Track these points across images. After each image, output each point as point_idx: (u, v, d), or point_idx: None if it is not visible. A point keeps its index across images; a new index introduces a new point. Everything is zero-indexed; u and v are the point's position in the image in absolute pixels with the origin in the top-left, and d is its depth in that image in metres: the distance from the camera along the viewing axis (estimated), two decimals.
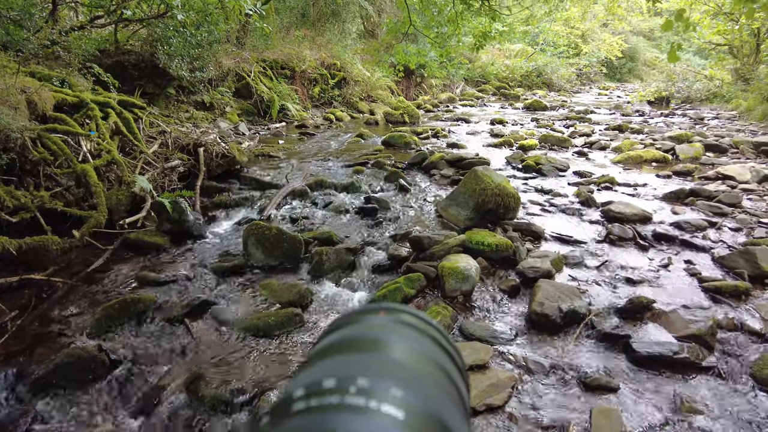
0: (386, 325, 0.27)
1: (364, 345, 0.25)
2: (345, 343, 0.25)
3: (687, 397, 2.26)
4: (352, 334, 0.26)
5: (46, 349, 2.48)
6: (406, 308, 0.29)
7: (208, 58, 7.61)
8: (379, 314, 0.29)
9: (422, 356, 0.25)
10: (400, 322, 0.28)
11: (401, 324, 0.28)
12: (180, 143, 5.22)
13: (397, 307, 0.30)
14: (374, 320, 0.28)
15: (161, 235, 3.83)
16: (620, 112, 13.24)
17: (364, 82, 12.24)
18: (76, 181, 3.90)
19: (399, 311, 0.29)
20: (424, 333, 0.27)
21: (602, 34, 25.83)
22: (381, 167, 6.11)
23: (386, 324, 0.28)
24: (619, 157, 7.04)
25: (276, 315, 2.80)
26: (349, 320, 0.28)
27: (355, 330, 0.27)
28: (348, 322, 0.28)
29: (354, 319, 0.28)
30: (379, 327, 0.27)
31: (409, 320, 0.28)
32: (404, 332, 0.27)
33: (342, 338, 0.26)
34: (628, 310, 2.92)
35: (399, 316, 0.29)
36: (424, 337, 0.27)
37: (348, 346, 0.25)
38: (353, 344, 0.25)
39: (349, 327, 0.27)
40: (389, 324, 0.28)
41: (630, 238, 4.01)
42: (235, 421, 2.12)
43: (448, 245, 3.54)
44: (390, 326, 0.27)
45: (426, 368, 0.24)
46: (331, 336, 0.27)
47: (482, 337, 2.69)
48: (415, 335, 0.27)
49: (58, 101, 4.35)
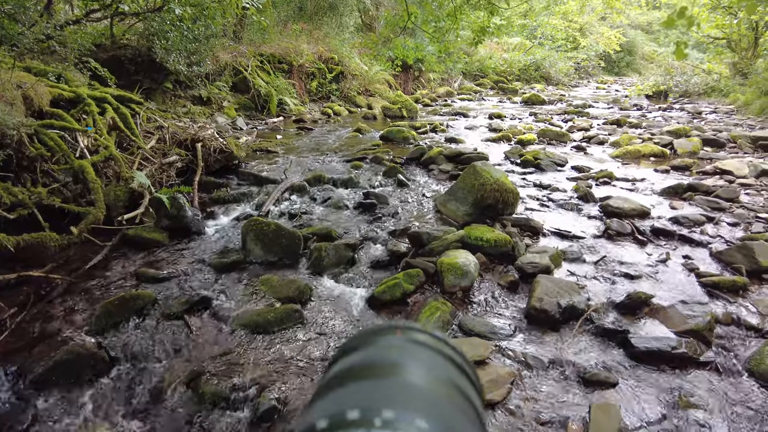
0: (403, 346, 0.27)
1: (383, 370, 0.25)
2: (364, 368, 0.25)
3: (685, 393, 2.28)
4: (370, 357, 0.26)
5: (46, 346, 2.48)
6: (420, 327, 0.29)
7: (205, 52, 7.57)
8: (395, 334, 0.28)
9: (440, 379, 0.25)
10: (416, 342, 0.28)
11: (417, 344, 0.28)
12: (178, 138, 5.20)
13: (413, 326, 0.29)
14: (390, 341, 0.28)
15: (160, 231, 3.82)
16: (618, 106, 13.23)
17: (361, 76, 12.19)
18: (73, 177, 3.88)
19: (414, 330, 0.29)
20: (439, 352, 0.27)
21: (600, 28, 25.79)
22: (379, 162, 6.10)
23: (403, 345, 0.27)
24: (617, 152, 7.04)
25: (275, 311, 2.80)
26: (366, 341, 0.28)
27: (373, 353, 0.27)
28: (364, 343, 0.28)
29: (370, 340, 0.28)
30: (396, 349, 0.27)
31: (424, 340, 0.28)
32: (421, 354, 0.27)
33: (361, 362, 0.26)
34: (626, 306, 2.93)
35: (414, 336, 0.28)
36: (440, 357, 0.27)
37: (367, 371, 0.25)
38: (372, 369, 0.25)
39: (366, 349, 0.27)
40: (406, 345, 0.27)
41: (628, 233, 4.02)
42: (235, 417, 2.12)
43: (447, 241, 3.54)
44: (407, 348, 0.27)
45: (444, 392, 0.24)
46: (347, 358, 0.27)
47: (481, 333, 2.70)
48: (431, 356, 0.27)
49: (54, 97, 4.32)
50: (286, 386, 2.29)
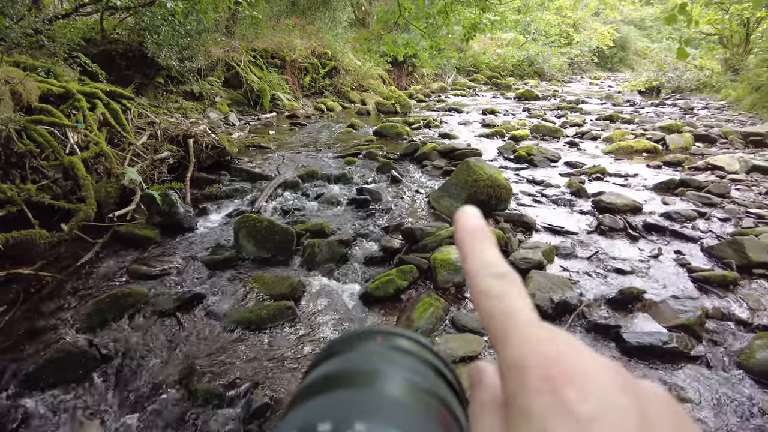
0: (383, 353, 0.27)
1: (360, 379, 0.24)
2: (340, 376, 0.24)
3: (676, 387, 2.29)
4: (347, 365, 0.25)
5: (36, 344, 2.46)
6: (402, 332, 0.29)
7: (197, 47, 7.51)
8: (375, 340, 0.28)
9: (419, 388, 0.24)
10: (397, 349, 0.27)
11: (398, 351, 0.27)
12: (169, 134, 5.16)
13: (394, 331, 0.29)
14: (370, 348, 0.27)
15: (151, 227, 3.79)
16: (611, 101, 13.28)
17: (355, 72, 12.15)
18: (63, 174, 3.84)
19: (395, 336, 0.28)
20: (420, 359, 0.27)
21: (594, 24, 25.83)
22: (373, 158, 6.09)
23: (383, 352, 0.27)
24: (610, 148, 7.07)
25: (268, 308, 2.80)
26: (344, 347, 0.27)
27: (351, 360, 0.26)
28: (343, 350, 0.27)
29: (349, 345, 0.28)
30: (376, 356, 0.26)
31: (405, 346, 0.27)
32: (401, 361, 0.26)
33: (337, 370, 0.25)
34: (618, 301, 2.95)
35: (395, 342, 0.28)
36: (421, 365, 0.26)
37: (343, 379, 0.24)
38: (349, 378, 0.24)
39: (344, 355, 0.27)
40: (386, 352, 0.27)
41: (621, 228, 4.04)
42: (228, 414, 2.12)
43: (440, 237, 3.54)
44: (387, 355, 0.27)
45: (423, 402, 0.23)
46: (324, 365, 0.26)
47: (474, 329, 2.70)
48: (411, 363, 0.26)
49: (43, 92, 4.26)
50: (279, 383, 2.29)
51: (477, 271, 0.27)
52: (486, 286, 0.27)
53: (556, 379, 0.22)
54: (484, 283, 0.27)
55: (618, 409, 0.21)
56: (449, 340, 2.58)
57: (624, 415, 0.21)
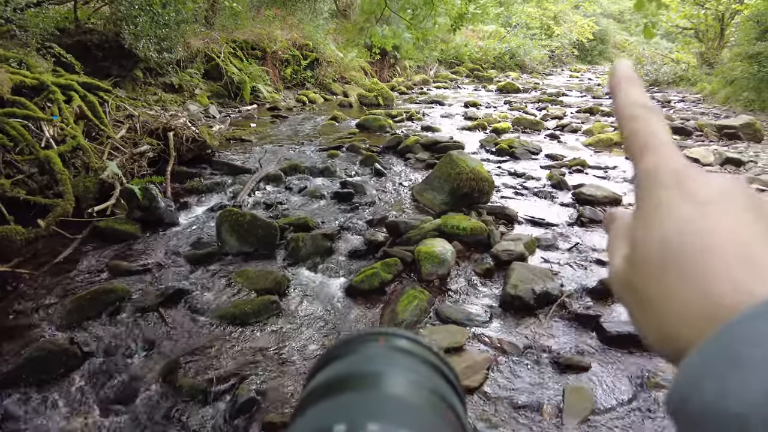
0: (386, 355, 0.28)
1: (366, 381, 0.25)
2: (347, 379, 0.25)
3: (653, 373, 2.36)
4: (352, 367, 0.26)
5: (14, 343, 2.41)
6: (403, 333, 0.30)
7: (176, 38, 7.36)
8: (378, 342, 0.29)
9: (423, 388, 0.25)
10: (399, 350, 0.28)
11: (400, 352, 0.28)
12: (149, 127, 5.07)
13: (396, 332, 0.30)
14: (373, 350, 0.28)
15: (132, 222, 3.74)
16: (591, 94, 13.44)
17: (337, 63, 12.06)
18: (39, 168, 3.75)
19: (397, 337, 0.29)
20: (423, 360, 0.28)
21: (574, 16, 26.05)
22: (356, 151, 6.07)
23: (386, 354, 0.28)
24: (590, 140, 7.17)
25: (252, 303, 2.79)
26: (348, 350, 0.28)
27: (355, 362, 0.27)
28: (346, 352, 0.28)
29: (352, 348, 0.28)
30: (379, 358, 0.27)
31: (407, 347, 0.28)
32: (404, 362, 0.27)
33: (343, 372, 0.26)
34: (599, 291, 3.02)
35: (397, 343, 0.29)
36: (423, 365, 0.28)
37: (350, 382, 0.25)
38: (355, 380, 0.25)
39: (348, 358, 0.28)
40: (389, 354, 0.28)
41: (600, 220, 4.12)
42: (213, 410, 2.11)
43: (424, 230, 3.56)
44: (390, 356, 0.27)
45: (428, 401, 0.24)
46: (330, 368, 0.27)
47: (458, 320, 2.74)
48: (414, 364, 0.27)
49: (15, 84, 4.14)
50: (265, 378, 2.29)
51: (626, 103, 0.33)
52: (633, 112, 0.32)
53: (682, 175, 0.28)
54: (632, 110, 0.32)
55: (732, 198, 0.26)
56: (434, 332, 2.61)
57: (736, 202, 0.26)
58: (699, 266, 0.24)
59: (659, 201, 0.27)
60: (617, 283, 0.30)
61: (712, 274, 0.24)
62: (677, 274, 0.25)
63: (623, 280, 0.30)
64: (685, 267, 0.25)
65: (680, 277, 0.25)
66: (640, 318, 0.28)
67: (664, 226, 0.26)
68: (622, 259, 0.30)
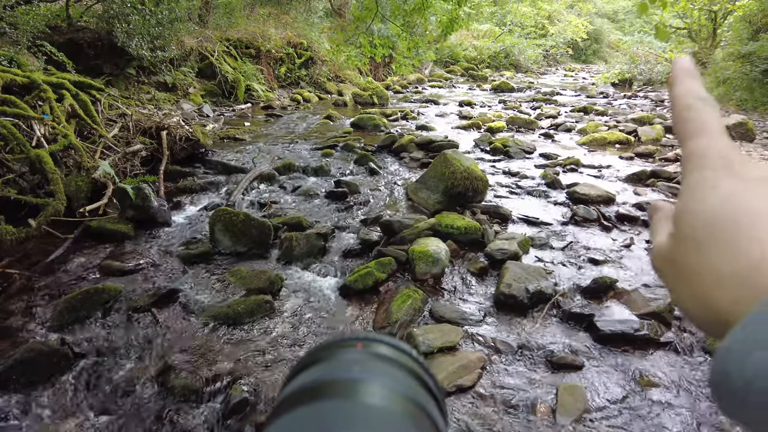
0: (363, 361, 0.27)
1: (341, 389, 0.24)
2: (322, 386, 0.25)
3: (646, 372, 2.38)
4: (328, 374, 0.26)
5: (5, 344, 2.39)
6: (383, 338, 0.29)
7: (169, 36, 7.32)
8: (356, 347, 0.28)
9: (400, 397, 0.24)
10: (377, 357, 0.27)
11: (378, 359, 0.27)
12: (142, 126, 5.03)
13: (375, 337, 0.29)
14: (350, 355, 0.27)
15: (124, 222, 3.71)
16: (585, 93, 13.49)
17: (331, 62, 12.02)
18: (30, 167, 3.71)
19: (376, 342, 0.29)
20: (401, 366, 0.27)
21: (568, 16, 26.09)
22: (350, 150, 6.05)
23: (363, 360, 0.27)
24: (584, 139, 7.20)
25: (245, 302, 2.77)
26: (324, 355, 0.28)
27: (331, 369, 0.26)
28: (323, 358, 0.27)
29: (329, 354, 0.28)
30: (356, 364, 0.27)
31: (385, 353, 0.28)
32: (382, 369, 0.26)
33: (318, 379, 0.25)
34: (592, 290, 3.02)
35: (376, 349, 0.28)
36: (401, 372, 0.27)
37: (325, 389, 0.24)
38: (330, 387, 0.24)
39: (325, 364, 0.27)
40: (366, 360, 0.27)
41: (594, 219, 4.13)
42: (207, 410, 2.10)
43: (418, 229, 3.56)
44: (367, 363, 0.27)
45: (405, 411, 0.24)
46: (307, 373, 0.27)
47: (452, 319, 2.74)
48: (392, 371, 0.27)
49: (6, 82, 4.10)
50: (258, 378, 2.28)
51: (682, 93, 0.34)
52: (689, 102, 0.33)
53: (728, 158, 0.29)
54: (688, 100, 0.34)
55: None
56: (428, 331, 2.60)
57: None
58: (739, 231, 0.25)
59: (705, 179, 0.29)
60: (659, 260, 0.32)
61: (752, 238, 0.25)
62: (717, 240, 0.26)
63: (666, 256, 0.31)
64: (725, 232, 0.26)
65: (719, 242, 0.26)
66: (681, 290, 0.29)
67: (708, 199, 0.28)
68: (665, 237, 0.32)
